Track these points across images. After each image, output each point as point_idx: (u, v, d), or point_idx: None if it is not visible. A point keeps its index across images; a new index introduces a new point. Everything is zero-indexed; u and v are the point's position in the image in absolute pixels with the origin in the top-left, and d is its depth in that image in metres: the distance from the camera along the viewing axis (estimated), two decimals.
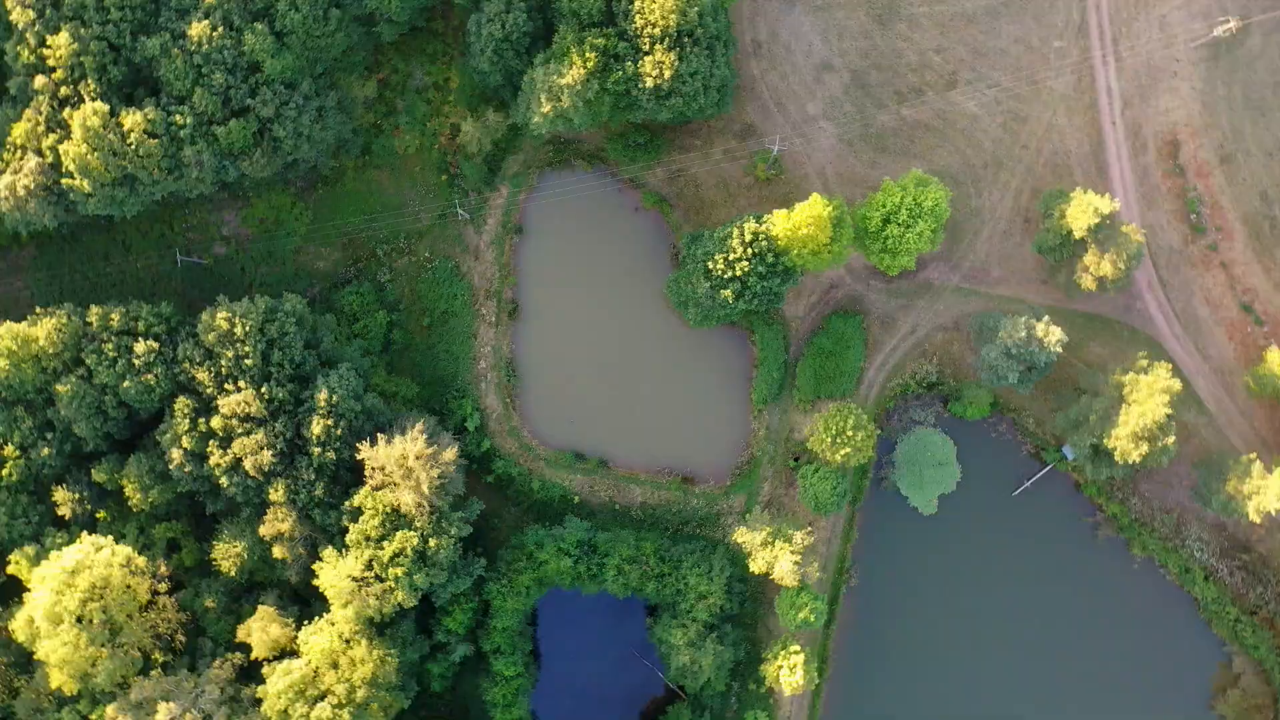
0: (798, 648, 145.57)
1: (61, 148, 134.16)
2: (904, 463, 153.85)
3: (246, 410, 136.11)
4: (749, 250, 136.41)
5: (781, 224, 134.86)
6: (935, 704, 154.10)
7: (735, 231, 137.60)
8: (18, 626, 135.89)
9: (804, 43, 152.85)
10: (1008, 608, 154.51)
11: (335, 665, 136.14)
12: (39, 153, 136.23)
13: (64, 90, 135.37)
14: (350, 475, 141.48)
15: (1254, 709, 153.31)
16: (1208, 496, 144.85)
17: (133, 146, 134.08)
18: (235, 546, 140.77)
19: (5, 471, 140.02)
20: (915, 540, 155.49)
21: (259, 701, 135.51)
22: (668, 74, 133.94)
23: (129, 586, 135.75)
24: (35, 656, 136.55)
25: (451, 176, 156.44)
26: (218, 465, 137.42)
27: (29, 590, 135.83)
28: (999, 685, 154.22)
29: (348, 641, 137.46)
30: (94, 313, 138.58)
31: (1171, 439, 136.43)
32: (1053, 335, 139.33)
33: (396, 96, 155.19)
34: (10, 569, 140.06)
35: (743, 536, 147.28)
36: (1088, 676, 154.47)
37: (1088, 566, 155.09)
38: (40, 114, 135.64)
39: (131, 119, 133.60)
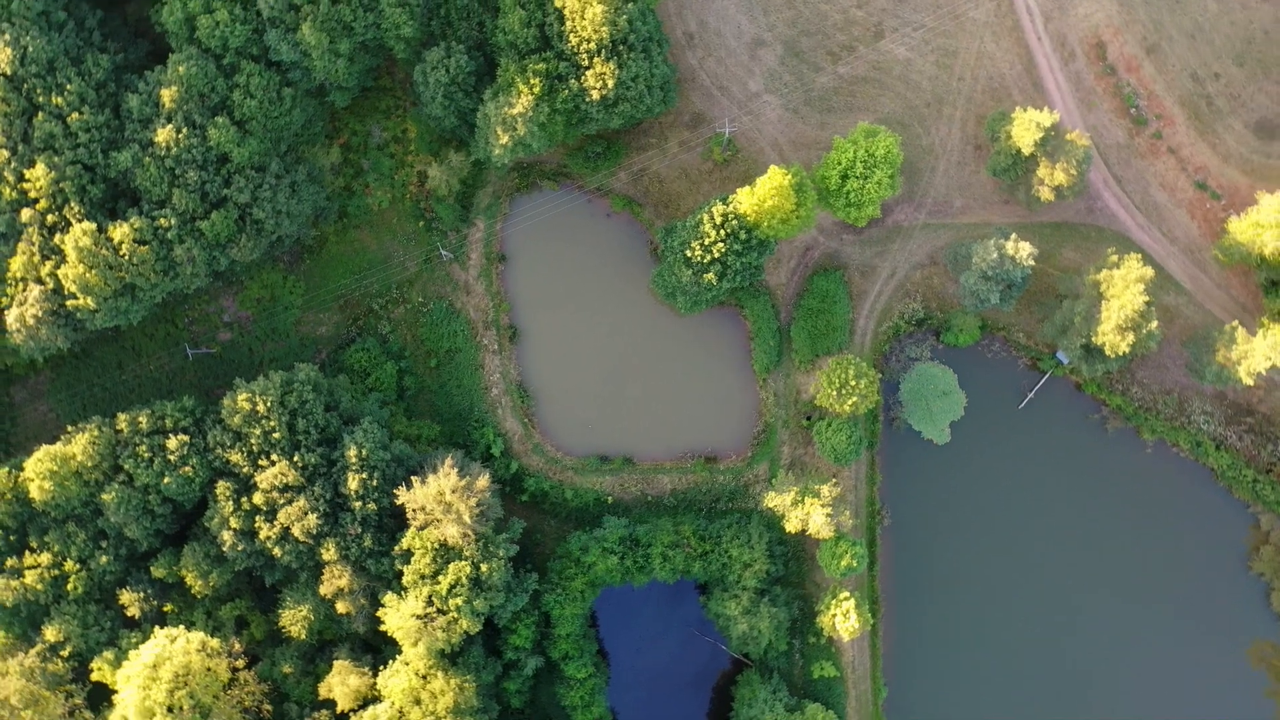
0: (847, 594, 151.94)
1: (60, 272, 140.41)
2: (910, 399, 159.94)
3: (284, 481, 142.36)
4: (722, 231, 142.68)
5: (747, 200, 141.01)
6: (988, 618, 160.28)
7: (705, 217, 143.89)
8: None
9: (732, 25, 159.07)
10: (1036, 514, 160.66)
11: (418, 702, 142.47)
12: (39, 281, 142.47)
13: (50, 217, 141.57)
14: (394, 522, 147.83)
15: None
16: (1201, 370, 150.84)
17: (126, 257, 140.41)
18: (300, 610, 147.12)
19: (70, 586, 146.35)
20: (936, 470, 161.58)
21: None
22: (611, 83, 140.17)
23: (209, 669, 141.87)
24: None
25: (428, 221, 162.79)
26: (268, 538, 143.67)
27: (117, 692, 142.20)
28: (1044, 587, 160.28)
29: (424, 677, 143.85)
30: (122, 420, 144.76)
31: (1154, 324, 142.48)
32: (1023, 251, 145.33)
33: (360, 157, 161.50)
34: (95, 676, 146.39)
35: (773, 501, 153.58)
36: (1126, 563, 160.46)
37: (1104, 460, 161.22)
38: (33, 244, 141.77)
39: (120, 231, 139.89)
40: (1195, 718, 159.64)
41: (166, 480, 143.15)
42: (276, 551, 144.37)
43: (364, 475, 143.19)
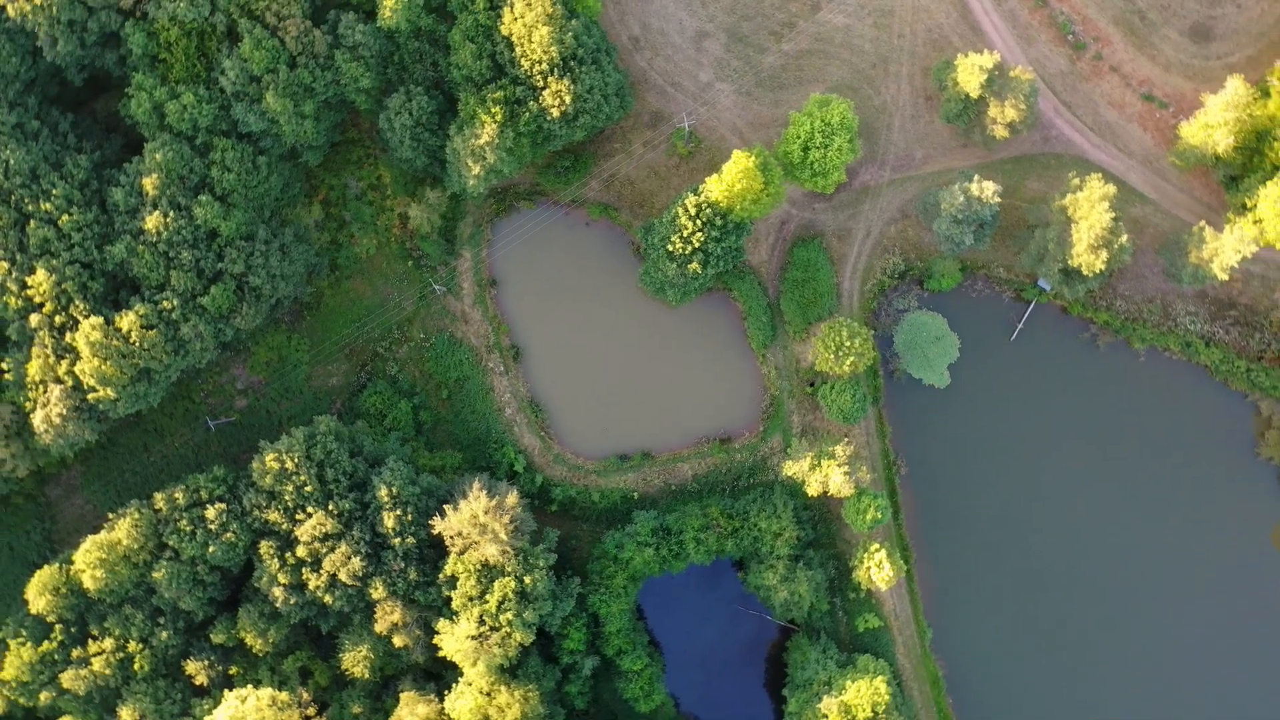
0: (877, 545, 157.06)
1: (76, 368, 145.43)
2: (905, 349, 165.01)
3: (323, 530, 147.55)
4: (698, 221, 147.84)
5: (717, 188, 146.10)
6: (1015, 545, 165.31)
7: (680, 210, 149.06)
8: None
9: (674, 22, 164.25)
10: (1044, 437, 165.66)
11: (487, 718, 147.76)
12: (58, 380, 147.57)
13: (58, 318, 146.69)
14: (434, 551, 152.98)
15: None
16: (1178, 273, 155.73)
17: (136, 344, 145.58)
18: (360, 651, 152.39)
19: (137, 666, 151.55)
20: (942, 412, 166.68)
21: None
22: (568, 99, 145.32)
23: None
24: None
25: (416, 260, 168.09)
26: (317, 587, 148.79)
27: None
28: (1063, 506, 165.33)
29: (489, 694, 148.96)
30: (159, 499, 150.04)
31: (1124, 238, 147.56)
32: (988, 189, 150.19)
33: (341, 210, 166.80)
34: None
35: (791, 469, 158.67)
36: (1139, 470, 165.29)
37: (1100, 375, 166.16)
38: (46, 347, 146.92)
39: (126, 320, 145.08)
40: (1230, 608, 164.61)
41: (211, 549, 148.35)
42: (327, 599, 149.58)
43: (398, 512, 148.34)
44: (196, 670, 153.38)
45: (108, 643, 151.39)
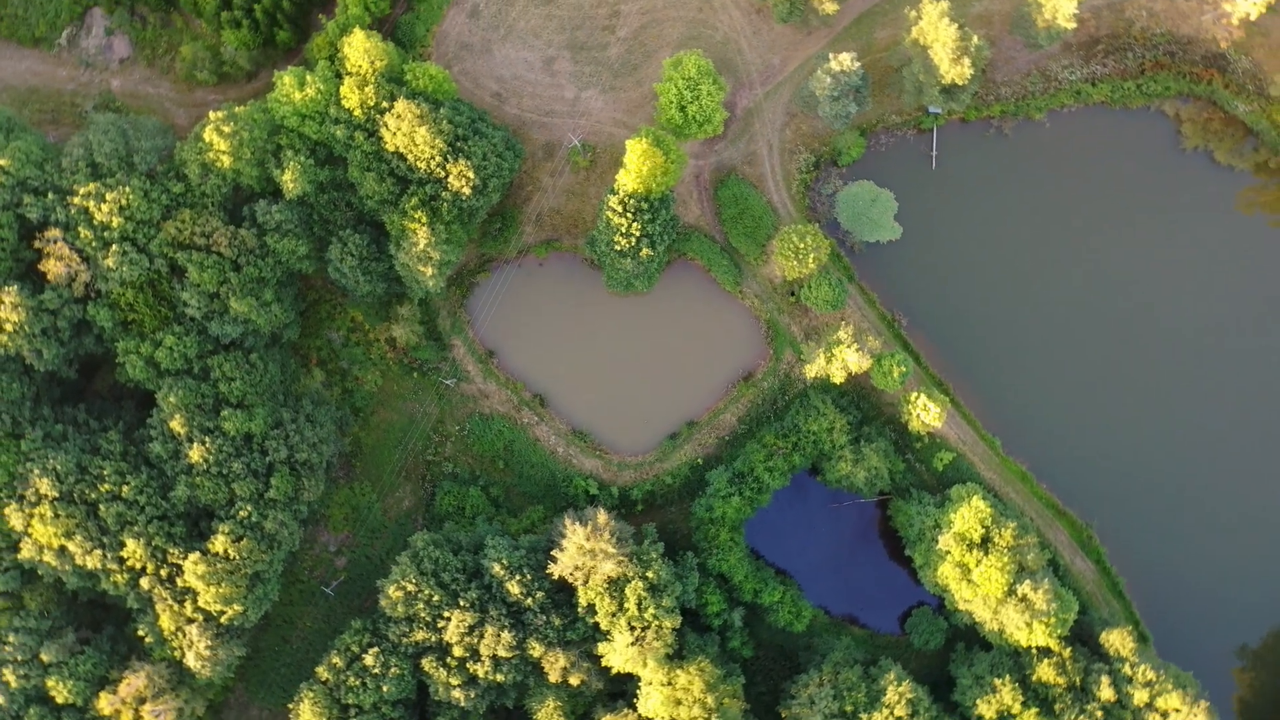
0: (915, 393, 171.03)
1: (200, 603, 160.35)
2: (851, 223, 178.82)
3: (466, 624, 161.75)
4: (628, 215, 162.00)
5: (628, 179, 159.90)
6: (1028, 333, 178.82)
7: (609, 214, 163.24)
8: None
9: (521, 63, 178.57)
10: (1003, 232, 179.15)
11: (679, 703, 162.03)
12: (190, 620, 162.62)
13: (163, 572, 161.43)
14: (563, 594, 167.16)
15: (1205, 121, 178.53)
16: (1036, 40, 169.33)
17: (237, 558, 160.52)
18: (549, 706, 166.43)
19: None
20: (910, 257, 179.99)
21: None
22: (470, 174, 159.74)
23: None
24: None
25: (419, 369, 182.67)
26: (486, 673, 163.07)
27: None
28: (1052, 278, 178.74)
29: (669, 683, 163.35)
30: (322, 672, 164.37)
31: (975, 38, 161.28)
32: (845, 60, 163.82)
33: (336, 362, 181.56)
34: None
35: (813, 370, 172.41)
36: (1097, 213, 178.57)
37: (1020, 156, 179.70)
38: (166, 600, 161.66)
39: (219, 543, 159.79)
40: (1230, 281, 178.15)
41: (385, 689, 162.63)
42: (499, 677, 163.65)
43: (517, 578, 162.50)
44: None
45: None
